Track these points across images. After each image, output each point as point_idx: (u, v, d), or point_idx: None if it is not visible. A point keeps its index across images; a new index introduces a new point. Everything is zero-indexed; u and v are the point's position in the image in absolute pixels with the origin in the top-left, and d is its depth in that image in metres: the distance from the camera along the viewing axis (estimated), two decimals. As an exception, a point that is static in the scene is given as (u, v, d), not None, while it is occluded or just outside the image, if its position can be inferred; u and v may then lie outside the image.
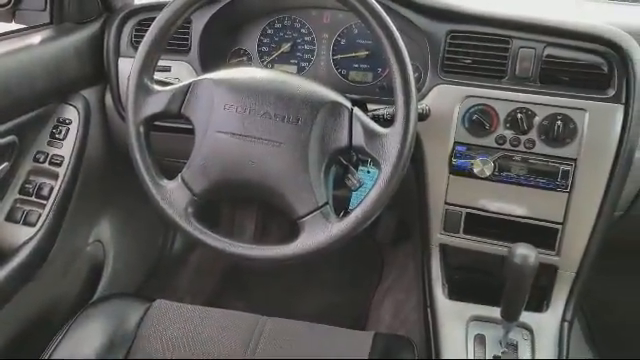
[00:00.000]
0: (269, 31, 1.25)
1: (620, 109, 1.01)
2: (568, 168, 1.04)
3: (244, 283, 1.77)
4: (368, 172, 1.05)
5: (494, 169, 1.07)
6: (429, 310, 1.14)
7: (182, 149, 0.96)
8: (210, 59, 1.22)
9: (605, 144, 1.02)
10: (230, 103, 0.88)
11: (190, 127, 0.92)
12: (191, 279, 1.78)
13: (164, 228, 1.76)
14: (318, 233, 0.85)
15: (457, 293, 1.17)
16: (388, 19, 0.83)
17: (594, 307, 1.61)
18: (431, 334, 1.10)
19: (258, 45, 1.26)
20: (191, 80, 0.93)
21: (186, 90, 0.92)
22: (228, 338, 1.00)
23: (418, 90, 1.09)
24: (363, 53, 1.20)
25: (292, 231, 0.88)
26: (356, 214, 0.84)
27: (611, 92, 1.02)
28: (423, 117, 1.03)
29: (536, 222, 1.09)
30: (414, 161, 1.12)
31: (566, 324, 1.09)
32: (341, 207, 0.93)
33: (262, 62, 1.26)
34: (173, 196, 0.90)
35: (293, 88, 0.88)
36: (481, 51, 1.07)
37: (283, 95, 0.87)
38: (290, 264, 0.88)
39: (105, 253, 1.46)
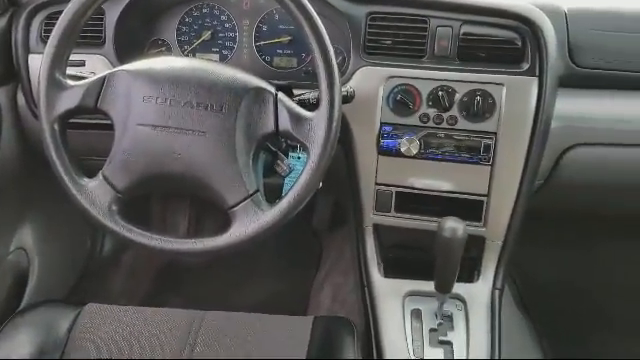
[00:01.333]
0: (187, 20, 1.22)
1: (534, 81, 1.05)
2: (489, 142, 1.08)
3: (181, 280, 1.73)
4: (299, 158, 1.04)
5: (420, 147, 1.10)
6: (366, 290, 1.16)
7: (102, 146, 0.92)
8: (127, 51, 1.17)
9: (522, 116, 1.06)
10: (149, 94, 0.85)
11: (109, 122, 0.89)
12: (125, 280, 1.73)
13: (91, 229, 1.69)
14: (250, 222, 0.84)
15: (393, 271, 1.19)
16: (307, 3, 0.82)
17: (523, 273, 1.68)
18: (369, 312, 1.12)
19: (177, 35, 1.23)
20: (106, 72, 0.89)
21: (101, 83, 0.88)
22: (165, 336, 0.98)
23: (342, 73, 1.10)
24: (286, 38, 1.19)
25: (227, 223, 0.87)
26: (287, 200, 0.84)
27: (525, 66, 1.06)
28: (348, 99, 1.03)
29: (463, 196, 1.13)
30: (343, 143, 1.13)
31: (497, 292, 1.14)
32: (275, 195, 0.92)
33: (182, 52, 1.23)
34: (95, 195, 0.87)
35: (214, 75, 0.86)
36: (400, 32, 1.08)
37: (204, 83, 0.85)
38: (225, 255, 0.86)
39: (29, 260, 1.39)
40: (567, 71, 1.12)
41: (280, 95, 0.86)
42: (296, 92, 0.99)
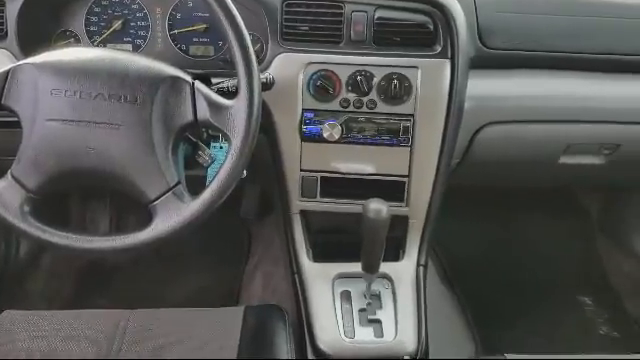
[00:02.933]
0: (96, 9, 1.17)
1: (447, 64, 1.09)
2: (408, 124, 1.11)
3: (105, 280, 1.67)
4: (221, 147, 1.03)
5: (342, 132, 1.11)
6: (296, 276, 1.17)
7: (9, 145, 0.87)
8: (32, 44, 1.10)
9: (437, 98, 1.09)
10: (57, 87, 0.81)
11: (15, 119, 0.84)
12: (45, 283, 1.65)
13: (4, 232, 1.60)
14: (172, 215, 0.82)
15: (321, 255, 1.20)
16: None
17: (446, 249, 1.75)
18: (300, 298, 1.13)
19: (85, 25, 1.17)
20: (10, 66, 0.84)
21: (4, 78, 0.83)
22: (90, 338, 0.94)
23: (261, 60, 1.10)
24: (201, 26, 1.17)
25: (149, 218, 0.85)
26: (210, 190, 0.83)
27: (438, 48, 1.09)
28: (268, 86, 1.03)
29: (385, 178, 1.15)
30: (265, 131, 1.13)
31: (421, 268, 1.18)
32: (199, 186, 0.90)
33: (92, 43, 1.17)
34: (4, 196, 0.82)
35: (127, 66, 0.83)
36: (316, 17, 1.08)
37: (116, 74, 0.82)
38: (149, 251, 0.84)
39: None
40: (478, 53, 1.17)
41: (197, 84, 0.85)
42: (215, 81, 0.98)
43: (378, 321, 1.07)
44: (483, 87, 1.18)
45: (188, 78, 0.85)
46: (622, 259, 1.76)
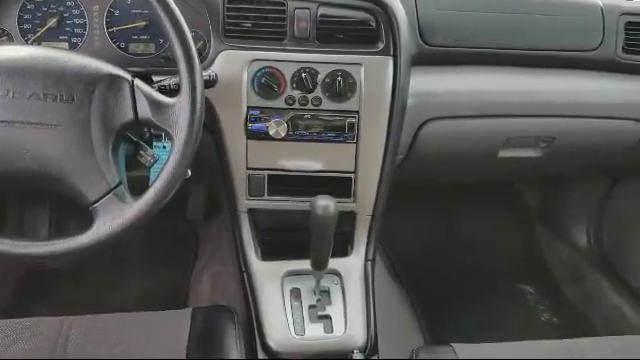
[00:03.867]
0: (29, 6, 1.12)
1: (390, 61, 1.10)
2: (353, 120, 1.12)
3: (46, 287, 1.61)
4: (164, 147, 1.01)
5: (288, 129, 1.11)
6: (245, 275, 1.16)
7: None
8: (-41, 42, 1.06)
9: (381, 94, 1.11)
10: None
11: None
12: None
13: None
14: (114, 216, 0.80)
15: (270, 254, 1.20)
16: None
17: (393, 243, 1.78)
18: (249, 297, 1.12)
19: (19, 23, 1.12)
20: None
21: None
22: (31, 346, 0.91)
23: (204, 58, 1.08)
24: (141, 23, 1.14)
25: (91, 220, 0.82)
26: (153, 190, 0.81)
27: (380, 45, 1.10)
28: (211, 84, 1.02)
29: (332, 174, 1.16)
30: (210, 130, 1.11)
31: (369, 263, 1.19)
32: (142, 187, 0.88)
33: (26, 41, 1.12)
34: None
35: (61, 64, 0.80)
36: (259, 14, 1.08)
37: (51, 72, 0.79)
38: (90, 255, 0.82)
39: None
40: (419, 50, 1.19)
41: (137, 82, 0.83)
42: (156, 79, 0.96)
43: (328, 317, 1.07)
44: (425, 83, 1.21)
45: (127, 76, 0.83)
46: (560, 248, 1.84)
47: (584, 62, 1.28)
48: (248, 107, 1.10)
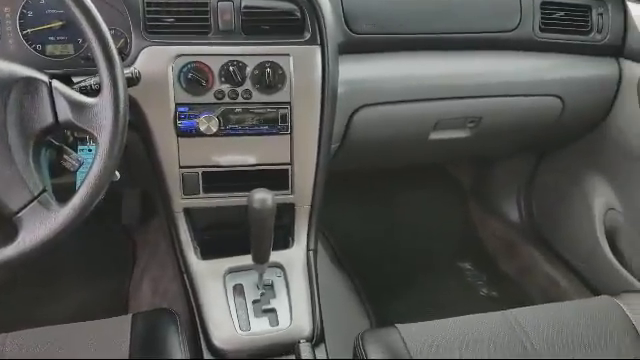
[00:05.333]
0: None
1: (317, 50, 1.10)
2: (285, 112, 1.11)
3: None
4: (89, 150, 0.98)
5: (220, 124, 1.09)
6: (185, 276, 1.13)
7: None
8: None
9: (311, 84, 1.11)
10: None
11: None
12: None
13: None
14: (40, 226, 0.76)
15: (210, 252, 1.18)
16: None
17: (335, 231, 1.79)
18: (191, 297, 1.10)
19: None
20: None
21: None
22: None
23: (126, 55, 1.05)
24: (57, 24, 1.08)
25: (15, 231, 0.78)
26: (80, 195, 0.77)
27: (307, 35, 1.10)
28: (134, 81, 0.98)
29: (268, 167, 1.15)
30: (138, 129, 1.08)
31: (311, 253, 1.19)
32: (70, 193, 0.84)
33: None
34: None
35: None
36: (181, 8, 1.06)
37: None
38: (16, 267, 0.77)
39: None
40: (346, 38, 1.20)
41: (55, 83, 0.79)
42: (76, 80, 0.92)
43: (273, 310, 1.07)
44: (355, 71, 1.21)
45: (44, 78, 0.79)
46: (494, 224, 1.91)
47: (505, 42, 1.33)
48: (176, 104, 1.07)
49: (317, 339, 1.06)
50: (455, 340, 0.91)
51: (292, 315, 1.06)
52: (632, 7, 1.36)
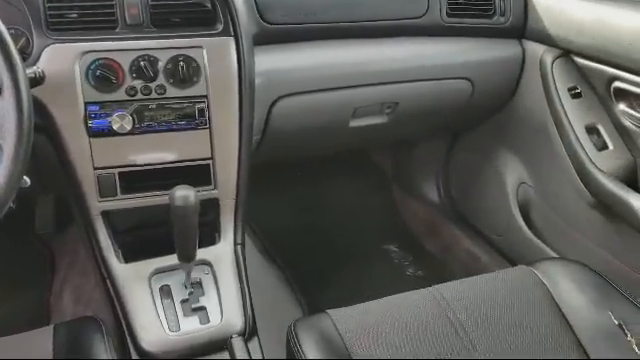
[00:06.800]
0: None
1: (231, 41, 1.09)
2: (202, 105, 1.09)
3: None
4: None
5: (134, 122, 1.06)
6: (108, 281, 1.09)
7: None
8: None
9: (227, 76, 1.09)
10: None
11: None
12: None
13: None
14: None
15: (134, 255, 1.14)
16: None
17: (263, 224, 1.79)
18: (115, 303, 1.06)
19: None
20: None
21: None
22: None
23: (28, 55, 0.99)
24: None
25: None
26: (-16, 205, 0.72)
27: (220, 27, 1.09)
28: (38, 81, 0.93)
29: (189, 163, 1.12)
30: (45, 132, 1.03)
31: (239, 247, 1.18)
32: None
33: None
34: None
35: None
36: (85, 3, 1.01)
37: None
38: None
39: None
40: (260, 29, 1.19)
41: None
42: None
43: (203, 308, 1.05)
44: (271, 62, 1.21)
45: None
46: (416, 205, 1.97)
47: (415, 29, 1.36)
48: (85, 103, 1.03)
49: (249, 333, 1.06)
50: (386, 319, 0.93)
51: (222, 311, 1.05)
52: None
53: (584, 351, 0.91)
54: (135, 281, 1.07)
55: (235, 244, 1.18)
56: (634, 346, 0.90)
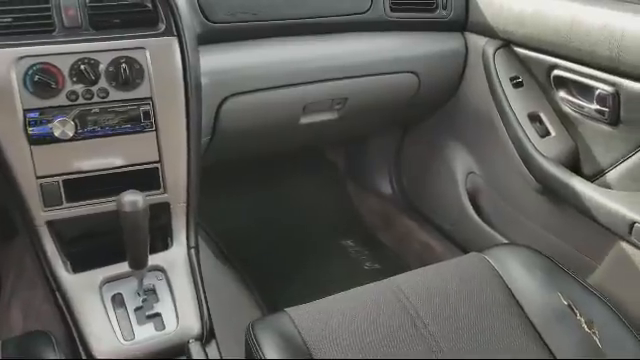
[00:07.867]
0: None
1: (175, 41, 1.07)
2: (147, 108, 1.07)
3: None
4: None
5: (76, 128, 1.02)
6: (57, 293, 1.06)
7: None
8: None
9: (172, 77, 1.07)
10: None
11: None
12: None
13: None
14: None
15: (83, 264, 1.11)
16: None
17: (217, 226, 1.76)
18: (66, 315, 1.03)
19: None
20: None
21: None
22: None
23: None
24: None
25: None
26: None
27: (162, 27, 1.06)
28: None
29: (136, 167, 1.10)
30: (-18, 142, 0.98)
31: (193, 251, 1.16)
32: None
33: None
34: None
35: None
36: (19, 7, 0.97)
37: None
38: None
39: None
40: (204, 28, 1.17)
41: None
42: None
43: (158, 315, 1.03)
44: (217, 61, 1.20)
45: None
46: (370, 199, 1.99)
47: (360, 24, 1.37)
48: (24, 110, 0.99)
49: (207, 337, 1.04)
50: (345, 313, 0.94)
51: (178, 316, 1.03)
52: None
53: (537, 332, 0.94)
54: (85, 292, 1.04)
55: (188, 248, 1.16)
56: (583, 324, 0.93)
